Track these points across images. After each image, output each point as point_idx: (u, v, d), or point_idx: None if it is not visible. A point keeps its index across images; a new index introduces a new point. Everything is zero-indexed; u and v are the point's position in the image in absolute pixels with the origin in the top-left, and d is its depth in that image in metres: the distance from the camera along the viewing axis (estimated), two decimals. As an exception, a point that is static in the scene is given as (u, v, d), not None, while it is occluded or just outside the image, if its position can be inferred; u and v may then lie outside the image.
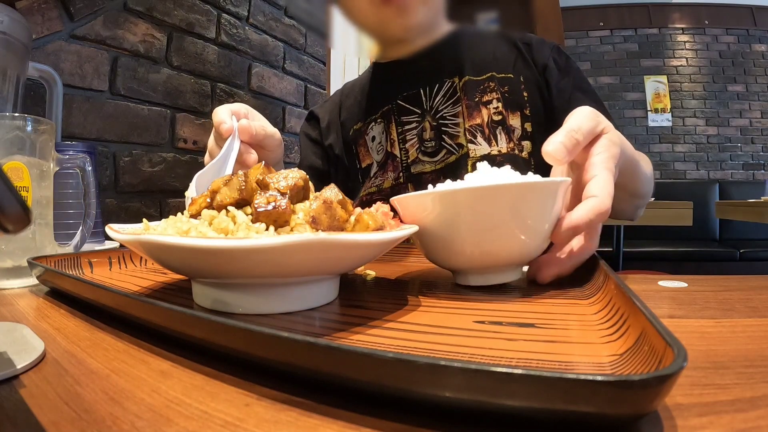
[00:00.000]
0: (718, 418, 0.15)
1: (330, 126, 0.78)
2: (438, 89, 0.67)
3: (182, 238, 0.25)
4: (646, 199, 0.60)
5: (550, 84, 0.65)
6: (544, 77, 0.66)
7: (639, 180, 0.52)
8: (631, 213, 0.60)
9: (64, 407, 0.17)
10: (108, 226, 0.34)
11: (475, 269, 0.35)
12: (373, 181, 0.70)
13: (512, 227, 0.32)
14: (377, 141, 0.71)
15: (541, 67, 0.66)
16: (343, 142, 0.76)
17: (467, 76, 0.66)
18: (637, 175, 0.51)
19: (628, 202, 0.56)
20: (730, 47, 3.34)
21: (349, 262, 0.31)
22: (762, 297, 0.33)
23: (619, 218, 0.61)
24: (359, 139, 0.73)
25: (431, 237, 0.35)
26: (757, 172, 3.33)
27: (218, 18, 1.30)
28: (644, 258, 2.75)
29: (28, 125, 0.44)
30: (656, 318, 0.19)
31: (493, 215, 0.32)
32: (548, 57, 0.66)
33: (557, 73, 0.65)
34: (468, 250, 0.34)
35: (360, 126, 0.73)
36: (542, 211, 0.33)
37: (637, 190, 0.54)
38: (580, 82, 0.66)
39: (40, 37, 0.87)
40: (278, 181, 0.31)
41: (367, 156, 0.72)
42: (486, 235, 0.33)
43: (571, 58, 0.68)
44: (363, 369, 0.16)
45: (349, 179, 0.75)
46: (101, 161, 1.00)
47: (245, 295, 0.29)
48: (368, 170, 0.72)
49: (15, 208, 0.14)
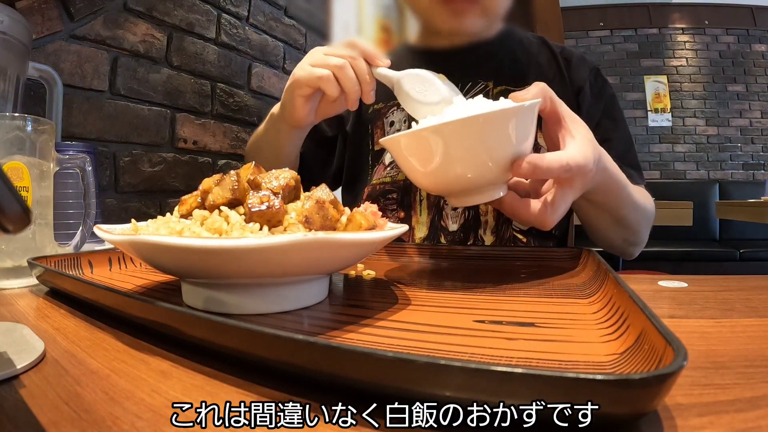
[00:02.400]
0: (718, 418, 0.15)
1: None
2: (470, 88, 0.65)
3: (177, 239, 0.25)
4: (638, 235, 0.58)
5: (582, 107, 0.63)
6: (577, 100, 0.64)
7: (624, 205, 0.51)
8: (619, 245, 0.59)
9: (64, 407, 0.17)
10: (97, 227, 0.34)
11: (455, 193, 0.39)
12: (388, 170, 0.67)
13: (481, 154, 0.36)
14: (396, 127, 0.68)
15: (577, 88, 0.64)
16: (359, 115, 0.72)
17: (504, 85, 0.63)
18: (622, 199, 0.50)
19: (612, 227, 0.55)
20: (730, 47, 3.34)
21: (343, 260, 0.31)
22: (762, 297, 0.33)
23: (606, 248, 0.60)
24: (377, 120, 0.69)
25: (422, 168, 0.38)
26: (757, 172, 3.33)
27: (218, 18, 1.30)
28: (644, 258, 2.75)
29: (28, 125, 0.44)
30: (656, 317, 0.19)
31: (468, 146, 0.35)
32: (585, 79, 0.64)
33: (590, 97, 0.63)
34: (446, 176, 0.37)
35: (381, 107, 0.69)
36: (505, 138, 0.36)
37: (623, 216, 0.53)
38: (611, 109, 0.64)
39: (40, 37, 0.87)
40: (270, 181, 0.31)
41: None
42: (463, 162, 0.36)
43: (608, 83, 0.66)
44: (363, 368, 0.16)
45: (358, 158, 0.71)
46: (101, 161, 0.99)
47: (238, 294, 0.29)
48: (379, 154, 0.69)
49: (15, 208, 0.14)
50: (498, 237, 0.61)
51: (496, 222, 0.61)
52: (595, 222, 0.56)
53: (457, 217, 0.62)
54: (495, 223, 0.61)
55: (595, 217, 0.55)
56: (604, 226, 0.56)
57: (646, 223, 0.58)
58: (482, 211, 0.61)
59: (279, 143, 0.61)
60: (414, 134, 0.36)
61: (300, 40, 1.65)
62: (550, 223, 0.39)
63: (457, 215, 0.62)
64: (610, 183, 0.47)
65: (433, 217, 0.63)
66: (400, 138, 0.38)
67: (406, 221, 0.63)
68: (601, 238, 0.59)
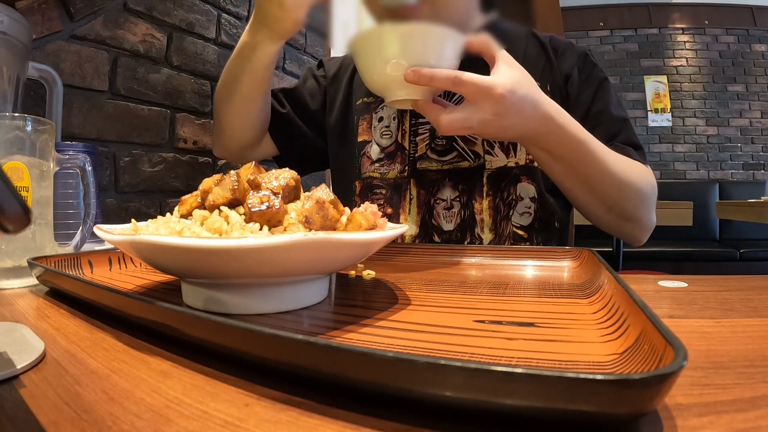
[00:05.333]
0: (718, 418, 0.15)
1: (336, 77, 0.75)
2: None
3: (177, 239, 0.25)
4: (623, 208, 0.55)
5: (570, 93, 0.63)
6: (566, 88, 0.63)
7: (589, 164, 0.51)
8: (608, 220, 0.57)
9: (64, 407, 0.17)
10: (97, 227, 0.34)
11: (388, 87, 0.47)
12: (376, 166, 0.67)
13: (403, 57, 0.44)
14: (384, 123, 0.68)
15: (565, 75, 0.63)
16: (343, 109, 0.72)
17: None
18: (584, 157, 0.50)
19: (583, 191, 0.54)
20: (730, 47, 3.34)
21: (343, 260, 0.31)
22: (762, 297, 0.33)
23: (601, 225, 0.59)
24: (365, 113, 0.70)
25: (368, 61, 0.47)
26: (757, 172, 3.32)
27: (218, 18, 1.30)
28: (644, 258, 2.75)
29: (28, 125, 0.44)
30: (656, 317, 0.19)
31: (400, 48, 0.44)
32: (572, 66, 0.63)
33: (578, 82, 0.63)
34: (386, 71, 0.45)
35: (372, 101, 0.69)
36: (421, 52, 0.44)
37: (590, 176, 0.52)
38: (603, 93, 0.63)
39: (40, 37, 0.87)
40: (270, 181, 0.31)
41: (366, 132, 0.69)
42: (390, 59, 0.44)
43: (598, 66, 0.65)
44: (363, 368, 0.16)
45: (341, 150, 0.72)
46: (101, 161, 0.99)
47: (238, 294, 0.29)
48: (362, 146, 0.69)
49: (15, 208, 0.14)
50: (497, 234, 0.61)
51: (493, 219, 0.61)
52: (562, 181, 0.55)
53: (452, 217, 0.62)
54: (492, 221, 0.61)
55: (558, 173, 0.54)
56: (575, 188, 0.55)
57: (637, 197, 0.56)
58: (477, 210, 0.61)
59: (258, 65, 0.59)
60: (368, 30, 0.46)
61: (300, 40, 1.65)
62: (442, 123, 0.44)
63: (452, 215, 0.62)
64: (565, 135, 0.48)
65: (424, 215, 0.63)
66: (358, 34, 0.47)
67: (394, 218, 0.64)
68: (582, 207, 0.58)
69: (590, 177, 0.52)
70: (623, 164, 0.54)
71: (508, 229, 0.61)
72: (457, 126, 0.44)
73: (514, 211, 0.61)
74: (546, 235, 0.62)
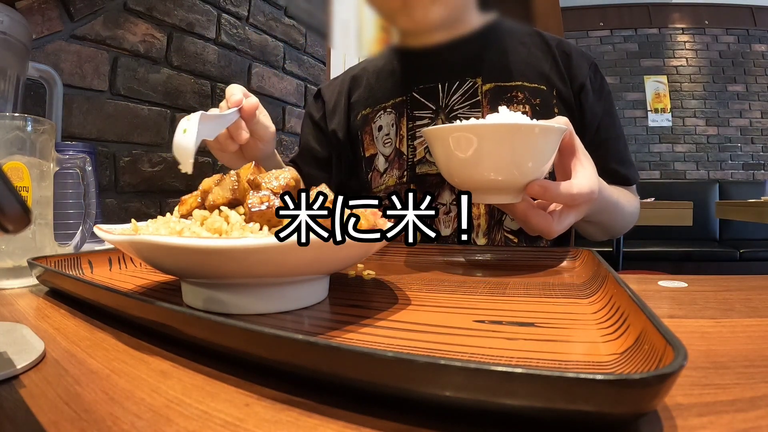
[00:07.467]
0: (718, 418, 0.15)
1: (335, 109, 0.74)
2: (457, 87, 0.63)
3: (177, 239, 0.25)
4: (620, 233, 0.68)
5: (584, 105, 0.62)
6: (579, 97, 0.62)
7: (615, 219, 0.60)
8: (600, 239, 0.67)
9: (64, 407, 0.17)
10: (97, 227, 0.34)
11: (481, 189, 0.42)
12: (384, 179, 0.67)
13: (509, 159, 0.40)
14: (384, 132, 0.67)
15: (578, 85, 0.62)
16: (348, 126, 0.71)
17: (494, 82, 0.62)
18: (615, 215, 0.58)
19: (600, 234, 0.65)
20: (730, 47, 3.34)
21: (343, 260, 0.31)
22: (762, 297, 0.33)
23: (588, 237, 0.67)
24: (365, 126, 0.69)
25: (453, 162, 0.42)
26: (757, 172, 3.32)
27: (218, 18, 1.30)
28: (644, 258, 2.75)
29: (28, 125, 0.43)
30: (656, 317, 0.19)
31: (500, 148, 0.39)
32: (586, 76, 0.63)
33: (592, 95, 0.63)
34: (478, 175, 0.41)
35: (368, 112, 0.69)
36: (535, 151, 0.40)
37: (612, 226, 0.62)
38: (610, 107, 0.65)
39: (40, 37, 0.87)
40: (270, 181, 0.31)
41: (371, 145, 0.68)
42: (492, 163, 0.40)
43: (605, 79, 0.66)
44: (363, 368, 0.16)
45: (353, 169, 0.71)
46: (101, 161, 0.99)
47: (238, 294, 0.29)
48: (371, 160, 0.68)
49: (15, 208, 0.14)
50: (490, 239, 0.61)
51: (487, 225, 0.61)
52: (586, 233, 0.65)
53: (449, 222, 0.62)
54: (487, 226, 0.61)
55: (587, 230, 0.64)
56: (594, 234, 0.65)
57: (630, 222, 0.66)
58: (474, 215, 0.61)
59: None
60: (458, 129, 0.40)
61: (300, 40, 1.65)
62: (554, 233, 0.44)
63: (449, 219, 0.62)
64: (607, 206, 0.54)
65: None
66: (446, 129, 0.41)
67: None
68: (586, 233, 0.66)
69: (611, 227, 0.62)
70: (628, 204, 0.61)
71: (500, 234, 0.61)
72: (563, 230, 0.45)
73: (506, 216, 0.61)
74: (533, 243, 0.62)
